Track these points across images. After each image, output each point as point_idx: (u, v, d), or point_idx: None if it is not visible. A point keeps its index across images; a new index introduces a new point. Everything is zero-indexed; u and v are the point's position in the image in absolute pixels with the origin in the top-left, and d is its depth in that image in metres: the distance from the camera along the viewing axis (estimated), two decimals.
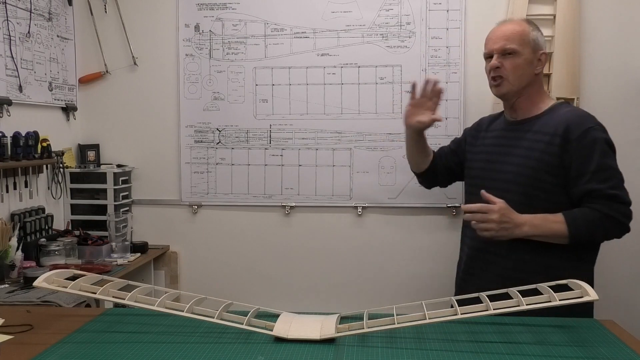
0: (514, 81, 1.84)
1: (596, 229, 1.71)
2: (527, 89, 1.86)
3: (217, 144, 2.78)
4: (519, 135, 1.86)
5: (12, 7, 2.31)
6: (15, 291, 1.94)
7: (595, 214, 1.70)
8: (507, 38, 1.84)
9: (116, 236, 2.56)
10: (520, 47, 1.83)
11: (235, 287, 2.78)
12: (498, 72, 1.85)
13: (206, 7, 2.73)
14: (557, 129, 1.76)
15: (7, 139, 2.22)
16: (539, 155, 1.77)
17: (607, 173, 1.73)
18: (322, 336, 1.30)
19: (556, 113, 1.83)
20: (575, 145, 1.72)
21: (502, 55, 1.84)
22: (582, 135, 1.73)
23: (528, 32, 1.86)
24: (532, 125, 1.85)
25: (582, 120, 1.77)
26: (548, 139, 1.77)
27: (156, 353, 1.22)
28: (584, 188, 1.71)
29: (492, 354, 1.22)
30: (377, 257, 2.73)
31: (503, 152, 1.88)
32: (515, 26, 1.87)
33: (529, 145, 1.81)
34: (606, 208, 1.69)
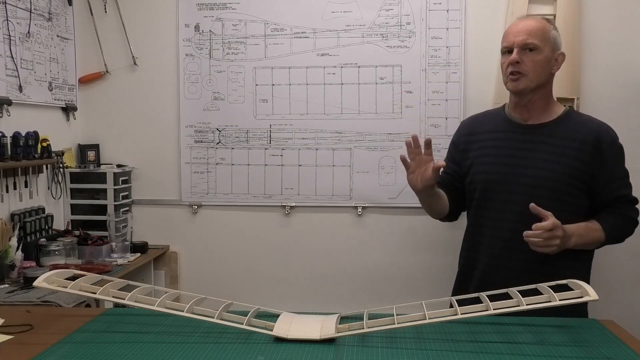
0: (533, 78, 1.79)
1: (624, 232, 1.84)
2: (542, 88, 1.84)
3: (217, 144, 2.78)
4: (539, 139, 1.82)
5: (12, 7, 2.31)
6: (15, 291, 1.94)
7: (626, 221, 1.82)
8: (530, 33, 1.79)
9: (116, 236, 2.56)
10: (541, 43, 1.79)
11: (235, 287, 2.78)
12: (517, 68, 1.79)
13: (206, 7, 2.73)
14: (587, 137, 1.79)
15: (7, 139, 2.22)
16: (569, 161, 1.77)
17: (628, 179, 1.85)
18: (322, 336, 1.30)
19: (575, 120, 1.86)
20: (607, 154, 1.79)
21: (522, 49, 1.79)
22: (611, 143, 1.81)
23: (549, 30, 1.83)
24: (553, 129, 1.82)
25: (609, 130, 1.85)
26: (577, 146, 1.78)
27: (156, 353, 1.22)
28: (615, 193, 1.80)
29: (492, 354, 1.22)
30: (377, 257, 2.73)
31: (522, 155, 1.83)
32: (537, 22, 1.83)
33: (555, 151, 1.79)
34: (631, 212, 1.83)
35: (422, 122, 2.66)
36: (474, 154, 1.93)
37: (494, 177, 1.86)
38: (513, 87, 1.82)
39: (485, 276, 1.86)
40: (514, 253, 1.79)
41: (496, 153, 1.87)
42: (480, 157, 1.91)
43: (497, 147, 1.88)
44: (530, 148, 1.82)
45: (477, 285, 1.84)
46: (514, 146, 1.85)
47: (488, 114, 2.04)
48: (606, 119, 2.54)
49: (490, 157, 1.88)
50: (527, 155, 1.82)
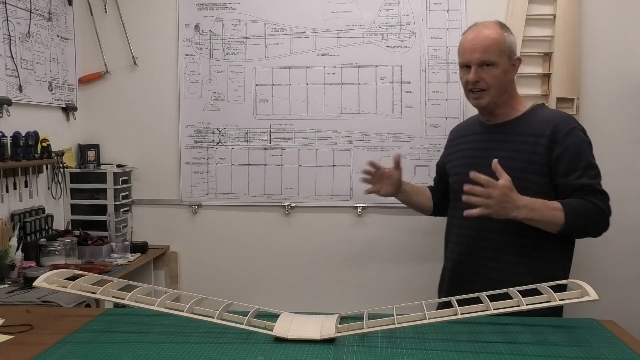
0: (494, 93, 1.83)
1: (589, 219, 1.74)
2: (504, 96, 1.86)
3: (217, 144, 2.78)
4: (502, 137, 1.87)
5: (12, 7, 2.31)
6: (15, 291, 1.94)
7: (590, 206, 1.73)
8: (485, 49, 1.80)
9: (116, 236, 2.56)
10: (498, 57, 1.81)
11: (235, 287, 2.79)
12: (477, 86, 1.83)
13: (206, 7, 2.73)
14: (544, 130, 1.79)
15: (7, 139, 2.22)
16: (527, 157, 1.79)
17: (594, 171, 1.79)
18: (322, 336, 1.30)
19: (538, 115, 1.86)
20: (563, 144, 1.77)
21: (479, 67, 1.81)
22: (568, 134, 1.78)
23: (504, 40, 1.83)
24: (514, 127, 1.86)
25: (568, 121, 1.82)
26: (534, 140, 1.80)
27: (156, 353, 1.22)
28: (576, 183, 1.75)
29: (492, 354, 1.22)
30: (377, 257, 2.73)
31: (485, 155, 1.86)
32: (492, 34, 1.82)
33: (514, 147, 1.82)
34: (598, 201, 1.74)
35: (422, 122, 2.66)
36: (451, 157, 2.05)
37: (461, 178, 1.90)
38: (476, 104, 1.89)
39: (453, 273, 1.95)
40: (479, 250, 1.85)
41: (464, 155, 1.97)
42: (454, 159, 2.02)
43: (466, 149, 1.97)
44: (491, 147, 1.87)
45: (448, 284, 1.97)
46: (478, 147, 1.92)
47: (469, 119, 2.11)
48: (606, 118, 2.57)
49: (460, 158, 1.98)
50: (488, 154, 1.84)
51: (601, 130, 2.57)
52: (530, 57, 2.58)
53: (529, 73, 2.59)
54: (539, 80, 2.60)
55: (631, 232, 2.59)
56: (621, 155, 2.58)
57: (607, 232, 2.61)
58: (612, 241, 2.60)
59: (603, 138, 2.58)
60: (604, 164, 2.55)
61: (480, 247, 1.85)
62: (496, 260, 1.83)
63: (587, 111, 2.57)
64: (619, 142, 2.58)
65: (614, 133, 2.58)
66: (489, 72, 1.81)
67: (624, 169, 2.58)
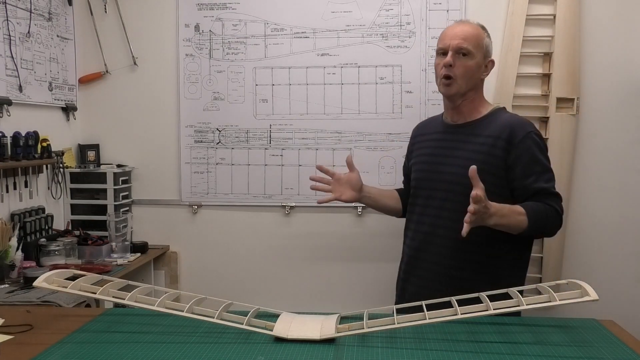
0: (462, 83, 1.88)
1: (547, 222, 1.81)
2: (472, 92, 1.92)
3: (217, 144, 2.78)
4: (461, 138, 1.92)
5: (12, 7, 2.31)
6: (15, 291, 1.94)
7: (548, 209, 1.79)
8: (465, 38, 1.88)
9: (116, 236, 2.55)
10: (474, 49, 1.88)
11: (235, 287, 2.78)
12: (449, 71, 1.88)
13: (206, 7, 2.73)
14: (501, 133, 1.84)
15: (7, 139, 2.22)
16: (484, 158, 1.83)
17: (549, 174, 1.84)
18: (322, 336, 1.30)
19: (497, 117, 1.91)
20: (519, 147, 1.82)
21: (456, 53, 1.87)
22: (524, 137, 1.82)
23: (483, 37, 1.92)
24: (474, 128, 1.91)
25: (523, 125, 1.87)
26: (492, 142, 1.85)
27: (156, 353, 1.22)
28: (533, 187, 1.81)
29: (492, 354, 1.22)
30: (377, 257, 2.73)
31: (445, 154, 1.93)
32: (472, 29, 1.91)
33: (472, 148, 1.87)
34: (555, 204, 1.81)
35: None
36: (414, 154, 2.09)
37: (421, 176, 1.99)
38: (445, 91, 1.93)
39: (408, 267, 2.00)
40: (432, 246, 1.90)
41: (426, 153, 2.01)
42: (416, 157, 2.07)
43: (428, 148, 2.02)
44: (452, 147, 1.93)
45: (403, 278, 2.03)
46: (440, 146, 1.97)
47: (432, 118, 2.16)
48: (606, 118, 2.57)
49: (422, 156, 2.03)
50: (449, 153, 1.92)
51: (601, 130, 2.58)
52: (530, 57, 2.59)
53: (529, 73, 2.59)
54: (539, 80, 2.60)
55: (631, 232, 2.59)
56: (621, 155, 2.58)
57: (607, 232, 2.64)
58: (612, 241, 2.61)
59: (603, 138, 2.59)
60: (604, 163, 2.58)
61: (433, 243, 1.90)
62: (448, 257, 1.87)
63: (587, 111, 2.57)
64: (619, 142, 2.58)
65: (614, 133, 2.58)
66: (462, 62, 1.87)
67: (624, 169, 2.58)
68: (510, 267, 1.87)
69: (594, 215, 2.60)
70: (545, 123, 2.56)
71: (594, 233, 2.60)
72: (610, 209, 2.59)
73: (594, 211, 2.60)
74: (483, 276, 1.79)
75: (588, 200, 2.59)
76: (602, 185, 2.58)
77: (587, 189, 2.59)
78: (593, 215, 2.60)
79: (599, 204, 2.59)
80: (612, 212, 2.59)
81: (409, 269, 2.00)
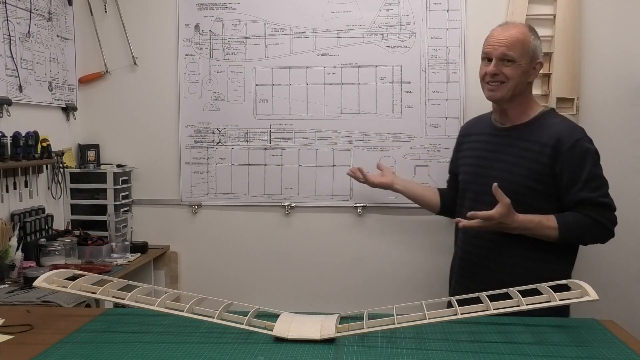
0: (509, 88, 1.87)
1: (585, 233, 1.82)
2: (519, 96, 1.91)
3: (217, 144, 2.78)
4: (509, 142, 1.92)
5: (12, 7, 2.31)
6: (15, 291, 1.94)
7: (587, 220, 1.79)
8: (509, 46, 1.85)
9: (116, 236, 2.56)
10: (520, 56, 1.86)
11: (235, 287, 2.78)
12: (495, 78, 1.88)
13: (206, 7, 2.73)
14: (548, 140, 1.83)
15: (7, 139, 2.22)
16: (529, 164, 1.84)
17: (597, 182, 1.82)
18: (322, 336, 1.30)
19: (546, 123, 1.89)
20: (566, 156, 1.80)
21: (500, 61, 1.87)
22: (572, 146, 1.81)
23: (529, 42, 1.88)
24: (522, 132, 1.91)
25: (572, 132, 1.85)
26: (538, 149, 1.84)
27: (156, 353, 1.23)
28: (577, 196, 1.80)
29: (492, 354, 1.22)
30: (377, 257, 2.73)
31: (493, 157, 1.94)
32: (518, 33, 1.87)
33: (519, 153, 1.87)
34: (598, 215, 1.80)
35: (422, 122, 2.66)
36: (462, 154, 2.11)
37: (468, 178, 2.01)
38: (490, 96, 1.93)
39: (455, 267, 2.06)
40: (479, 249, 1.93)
41: (474, 155, 2.02)
42: (464, 158, 2.09)
43: (476, 149, 2.03)
44: (500, 150, 1.93)
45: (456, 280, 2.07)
46: (488, 148, 1.97)
47: (481, 117, 2.15)
48: (606, 118, 2.57)
49: (470, 158, 2.03)
50: (496, 157, 1.93)
51: (601, 130, 2.57)
52: None
53: None
54: (539, 80, 2.60)
55: (631, 232, 2.58)
56: (621, 155, 2.58)
57: None
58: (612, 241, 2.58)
59: (603, 138, 2.56)
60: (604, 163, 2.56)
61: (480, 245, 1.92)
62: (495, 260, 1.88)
63: (587, 111, 2.57)
64: (619, 142, 2.58)
65: (614, 133, 2.58)
66: (508, 68, 1.86)
67: (624, 169, 2.58)
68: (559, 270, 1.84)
69: None
70: None
71: None
72: None
73: None
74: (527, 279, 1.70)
75: None
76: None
77: None
78: None
79: None
80: None
81: (460, 271, 2.03)
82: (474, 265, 1.96)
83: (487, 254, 1.91)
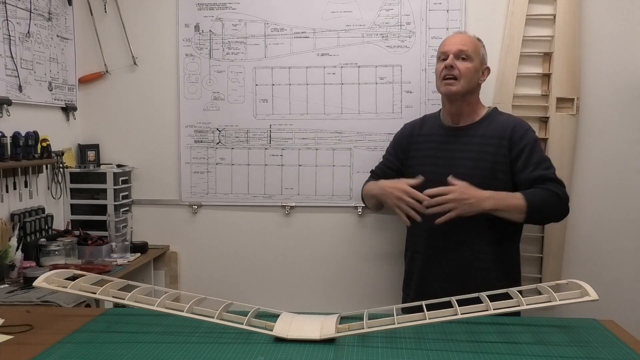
0: (464, 83, 2.06)
1: (547, 204, 1.95)
2: (470, 95, 2.11)
3: (217, 144, 2.78)
4: (465, 140, 2.09)
5: (12, 7, 2.31)
6: (15, 291, 1.94)
7: (545, 192, 1.95)
8: (464, 44, 2.08)
9: (116, 236, 2.56)
10: (473, 54, 2.08)
11: (235, 287, 2.78)
12: (451, 72, 2.06)
13: (206, 7, 2.73)
14: (504, 133, 2.04)
15: (7, 139, 2.22)
16: (492, 157, 2.03)
17: (547, 163, 2.02)
18: (322, 336, 1.30)
19: (496, 119, 2.10)
20: (519, 143, 2.02)
21: (456, 57, 2.06)
22: (523, 134, 2.03)
23: (480, 46, 2.13)
24: (476, 130, 2.09)
25: (521, 124, 2.09)
26: (497, 142, 2.04)
27: (156, 353, 1.23)
28: (532, 175, 1.98)
29: (492, 354, 1.22)
30: (377, 257, 2.73)
31: (452, 155, 2.08)
32: (470, 38, 2.13)
33: (480, 149, 2.05)
34: (554, 187, 1.96)
35: None
36: (412, 154, 2.22)
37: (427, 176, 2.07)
38: (446, 90, 2.09)
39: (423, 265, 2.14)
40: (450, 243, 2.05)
41: (429, 154, 2.15)
42: (416, 157, 2.19)
43: (430, 149, 2.16)
44: (456, 148, 2.09)
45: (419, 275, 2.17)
46: (443, 147, 2.12)
47: (426, 118, 2.31)
48: (606, 118, 2.57)
49: (424, 158, 2.16)
50: (453, 155, 2.08)
51: (601, 130, 2.58)
52: (530, 57, 2.58)
53: (529, 73, 2.59)
54: (539, 80, 2.60)
55: (631, 232, 2.59)
56: (621, 155, 2.58)
57: (607, 232, 2.63)
58: (612, 241, 2.60)
59: (603, 138, 2.58)
60: (604, 163, 2.58)
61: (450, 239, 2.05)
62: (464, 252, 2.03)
63: (587, 111, 2.57)
64: (619, 142, 2.58)
65: (614, 133, 2.58)
66: (463, 64, 2.07)
67: (624, 169, 2.58)
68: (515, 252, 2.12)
69: (594, 215, 2.60)
70: (545, 123, 2.56)
71: (594, 233, 2.60)
72: (610, 209, 2.59)
73: (593, 211, 2.60)
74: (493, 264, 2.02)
75: (588, 200, 2.59)
76: (602, 185, 2.58)
77: (587, 189, 2.59)
78: (593, 215, 2.60)
79: (598, 204, 2.59)
80: (612, 212, 2.59)
81: (426, 268, 2.13)
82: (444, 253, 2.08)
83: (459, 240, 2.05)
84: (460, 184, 1.90)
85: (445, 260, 2.07)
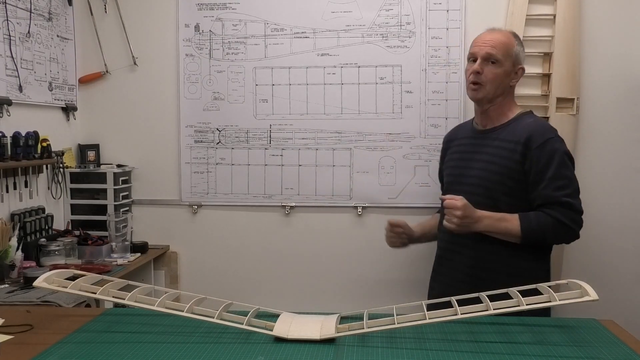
0: (490, 89, 1.95)
1: (547, 232, 1.84)
2: (499, 98, 1.98)
3: (217, 144, 2.78)
4: (486, 142, 2.00)
5: (12, 7, 2.31)
6: (15, 291, 1.94)
7: (548, 219, 1.82)
8: (494, 46, 1.94)
9: (116, 236, 2.55)
10: (503, 57, 1.94)
11: (235, 287, 2.78)
12: (478, 78, 1.95)
13: (206, 7, 2.73)
14: (520, 138, 1.89)
15: (7, 139, 2.22)
16: (503, 162, 1.91)
17: (562, 182, 1.84)
18: (322, 336, 1.30)
19: (520, 122, 1.96)
20: (535, 153, 1.86)
21: (484, 60, 1.95)
22: (542, 144, 1.86)
23: (513, 46, 1.97)
24: (499, 133, 1.98)
25: (544, 131, 1.91)
26: (512, 147, 1.90)
27: (156, 353, 1.23)
28: (540, 194, 1.84)
29: (492, 354, 1.22)
30: (377, 257, 2.73)
31: (469, 158, 2.02)
32: (503, 37, 1.98)
33: (493, 152, 1.94)
34: (559, 214, 1.82)
35: (422, 122, 2.66)
36: (447, 157, 2.18)
37: (450, 179, 2.09)
38: (472, 95, 2.01)
39: (436, 267, 2.12)
40: (457, 247, 1.99)
41: (456, 158, 2.10)
42: (448, 161, 2.15)
43: (457, 153, 2.11)
44: (476, 151, 2.01)
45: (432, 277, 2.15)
46: (467, 150, 2.06)
47: (462, 125, 2.26)
48: (606, 118, 2.57)
49: (453, 161, 2.11)
50: (473, 157, 2.01)
51: (601, 130, 2.58)
52: (530, 57, 2.58)
53: (529, 73, 2.57)
54: (539, 80, 2.60)
55: (631, 232, 2.59)
56: (621, 155, 2.58)
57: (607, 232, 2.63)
58: (612, 241, 2.61)
59: (603, 138, 2.58)
60: (604, 163, 2.58)
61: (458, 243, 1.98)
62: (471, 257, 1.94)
63: (587, 111, 2.57)
64: (619, 142, 2.58)
65: (614, 133, 2.58)
66: (490, 69, 1.94)
67: (624, 169, 2.58)
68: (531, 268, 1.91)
69: (594, 215, 2.59)
70: None
71: (594, 233, 2.60)
72: (611, 209, 2.59)
73: (594, 211, 2.59)
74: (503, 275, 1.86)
75: (588, 201, 2.56)
76: (602, 185, 2.58)
77: (587, 189, 2.57)
78: (593, 215, 2.59)
79: (599, 204, 2.58)
80: (612, 212, 2.59)
81: (437, 267, 2.11)
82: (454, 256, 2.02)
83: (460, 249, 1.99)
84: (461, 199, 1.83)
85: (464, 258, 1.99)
